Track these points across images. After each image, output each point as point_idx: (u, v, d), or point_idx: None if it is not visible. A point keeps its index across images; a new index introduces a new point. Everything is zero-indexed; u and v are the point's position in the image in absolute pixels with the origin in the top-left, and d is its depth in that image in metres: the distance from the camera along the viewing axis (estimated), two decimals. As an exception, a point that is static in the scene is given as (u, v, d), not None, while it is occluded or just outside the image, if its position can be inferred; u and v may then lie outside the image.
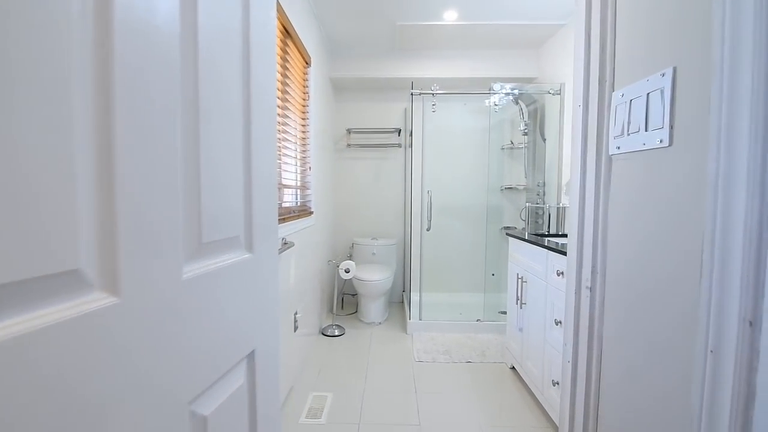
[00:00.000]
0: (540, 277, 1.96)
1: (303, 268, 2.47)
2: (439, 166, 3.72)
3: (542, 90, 3.04)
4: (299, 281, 2.36)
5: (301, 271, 2.40)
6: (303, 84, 2.54)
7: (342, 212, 3.86)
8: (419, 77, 3.34)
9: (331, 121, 3.63)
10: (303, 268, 2.47)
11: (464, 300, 3.64)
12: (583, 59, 0.83)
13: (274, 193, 0.86)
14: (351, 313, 3.52)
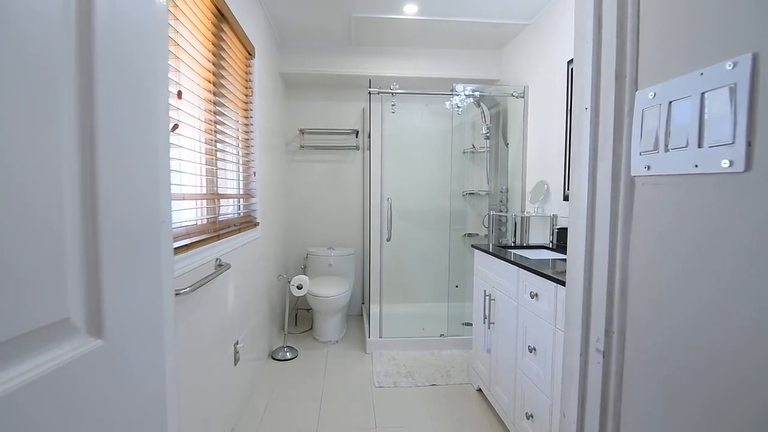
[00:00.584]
0: (510, 297, 1.79)
1: (246, 287, 2.16)
2: (400, 170, 3.51)
3: (505, 92, 2.91)
4: (241, 304, 2.05)
5: (243, 291, 2.09)
6: (245, 78, 2.23)
7: (295, 220, 3.55)
8: (378, 75, 3.12)
9: (281, 120, 3.31)
10: (246, 287, 2.16)
11: (427, 311, 3.45)
12: (592, 43, 0.63)
13: (163, 229, 0.59)
14: (306, 330, 3.23)
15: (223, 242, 1.75)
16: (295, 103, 3.50)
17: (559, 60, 2.36)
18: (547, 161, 2.52)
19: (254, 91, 2.34)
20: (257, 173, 2.36)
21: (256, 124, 2.37)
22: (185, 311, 1.32)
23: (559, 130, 2.36)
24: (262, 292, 2.52)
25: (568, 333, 0.70)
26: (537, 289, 1.53)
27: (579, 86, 0.67)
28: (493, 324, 1.98)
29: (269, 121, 2.79)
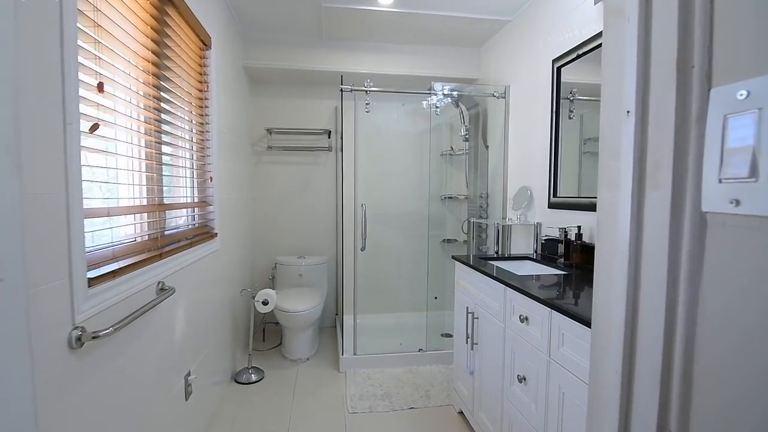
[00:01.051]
0: (496, 317, 1.62)
1: (203, 307, 1.91)
2: (375, 173, 3.31)
3: (485, 92, 2.76)
4: (195, 328, 1.81)
5: (198, 313, 1.85)
6: (199, 71, 1.98)
7: (262, 227, 3.30)
8: (351, 71, 2.91)
9: (246, 118, 3.05)
10: (203, 307, 1.91)
11: (405, 321, 3.27)
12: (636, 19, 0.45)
13: None
14: (274, 346, 2.98)
15: (169, 261, 1.50)
16: (262, 100, 3.24)
17: (543, 59, 2.22)
18: (530, 166, 2.38)
19: (211, 86, 2.09)
20: (214, 178, 2.11)
21: (213, 122, 2.12)
22: (106, 357, 1.08)
23: (543, 133, 2.22)
24: (223, 309, 2.27)
25: (593, 416, 0.52)
26: (527, 311, 1.37)
27: (613, 80, 0.49)
28: (477, 345, 1.82)
29: (231, 119, 2.54)
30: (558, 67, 2.07)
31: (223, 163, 2.33)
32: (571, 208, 1.97)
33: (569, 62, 1.98)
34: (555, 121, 2.10)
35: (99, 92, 1.07)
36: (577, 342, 1.11)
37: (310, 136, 3.31)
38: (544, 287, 1.44)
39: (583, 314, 1.08)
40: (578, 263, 1.82)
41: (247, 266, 3.01)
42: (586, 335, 1.06)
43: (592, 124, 1.95)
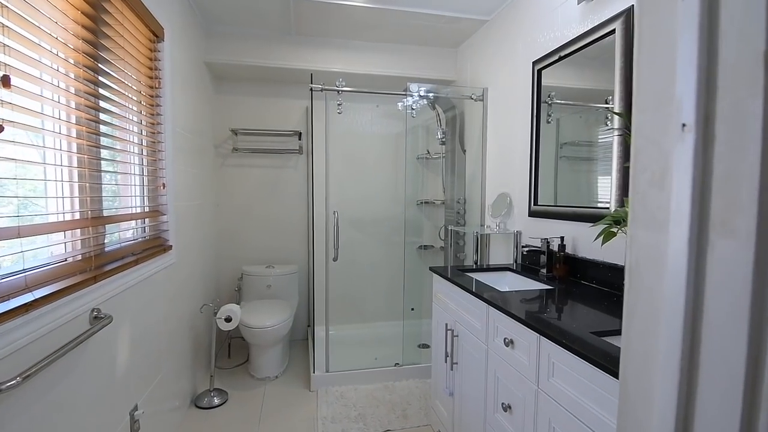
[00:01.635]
0: (478, 337, 1.50)
1: (154, 330, 1.71)
2: (348, 177, 3.16)
3: (463, 94, 2.66)
4: (144, 355, 1.60)
5: (148, 337, 1.64)
6: (149, 65, 1.77)
7: (227, 235, 3.08)
8: (322, 69, 2.74)
9: (209, 118, 2.84)
10: (154, 330, 1.71)
11: (380, 332, 3.14)
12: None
13: None
14: (241, 363, 2.78)
15: (108, 282, 1.30)
16: (227, 99, 3.03)
17: (522, 60, 2.14)
18: (509, 172, 2.29)
19: (164, 82, 1.88)
20: (168, 184, 1.91)
21: (167, 123, 1.91)
22: (18, 410, 0.89)
23: (523, 138, 2.14)
24: (181, 328, 2.06)
25: None
26: (513, 334, 1.26)
27: (655, 81, 0.37)
28: (457, 365, 1.70)
29: (191, 119, 2.33)
30: (538, 70, 1.98)
31: (180, 168, 2.12)
32: (553, 217, 1.88)
33: (550, 64, 1.89)
34: (536, 126, 2.01)
35: (4, 87, 0.87)
36: (569, 373, 1.00)
37: (279, 138, 3.12)
38: (529, 306, 1.33)
39: (577, 344, 0.97)
40: (562, 276, 1.73)
41: (211, 278, 2.79)
42: (579, 367, 0.95)
43: (568, 128, 1.88)
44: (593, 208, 1.64)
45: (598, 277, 1.59)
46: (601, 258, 1.59)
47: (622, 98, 1.47)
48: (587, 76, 1.74)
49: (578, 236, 1.73)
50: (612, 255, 1.54)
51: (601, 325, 1.13)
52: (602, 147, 1.63)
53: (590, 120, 1.76)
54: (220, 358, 2.83)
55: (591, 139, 1.76)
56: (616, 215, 1.35)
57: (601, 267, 1.58)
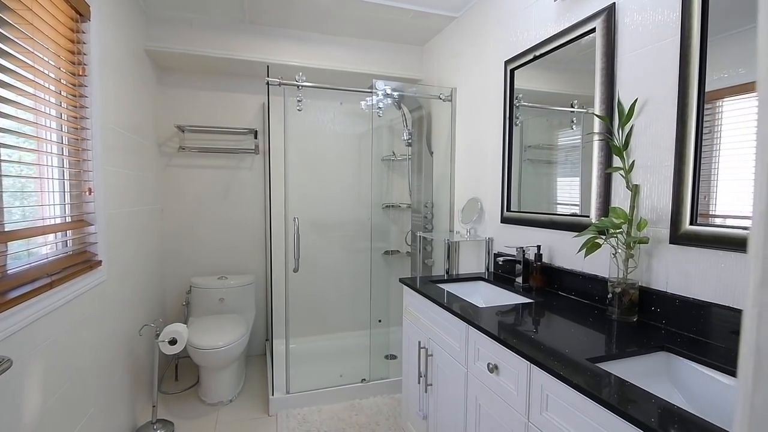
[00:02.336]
0: (457, 359, 1.38)
1: (76, 363, 1.44)
2: (309, 179, 2.96)
3: (431, 94, 2.55)
4: (64, 395, 1.33)
5: (67, 374, 1.37)
6: (71, 48, 1.49)
7: (173, 243, 2.78)
8: (279, 63, 2.52)
9: (151, 113, 2.53)
10: (76, 363, 1.44)
11: (345, 344, 2.96)
12: None
13: None
14: (190, 386, 2.50)
15: (7, 316, 1.04)
16: (172, 92, 2.73)
17: (494, 60, 2.04)
18: (480, 176, 2.20)
19: (91, 69, 1.60)
20: (96, 189, 1.63)
21: (95, 117, 1.63)
22: None
23: (494, 141, 2.05)
24: (115, 354, 1.78)
25: None
26: (498, 359, 1.14)
27: None
28: (432, 386, 1.57)
29: (127, 113, 2.03)
30: (512, 70, 1.89)
31: (113, 169, 1.84)
32: (527, 224, 1.80)
33: (524, 64, 1.81)
34: (508, 129, 1.93)
35: None
36: (567, 409, 0.89)
37: (232, 136, 2.85)
38: (513, 325, 1.22)
39: (576, 375, 0.86)
40: (539, 286, 1.65)
41: (153, 294, 2.48)
42: (579, 403, 0.84)
43: (533, 130, 1.82)
44: (572, 216, 1.56)
45: (578, 288, 1.52)
46: (579, 268, 1.52)
47: (603, 101, 1.40)
48: (557, 78, 1.67)
49: (555, 245, 1.65)
50: (591, 265, 1.47)
51: (594, 347, 1.04)
52: (572, 152, 1.56)
53: (554, 123, 1.71)
54: (165, 382, 2.53)
55: (552, 142, 1.73)
56: (600, 225, 1.28)
57: (580, 278, 1.50)
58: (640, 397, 0.77)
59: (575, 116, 1.59)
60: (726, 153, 1.06)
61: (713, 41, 1.07)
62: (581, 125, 1.56)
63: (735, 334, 1.01)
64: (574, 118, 1.59)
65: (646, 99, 1.27)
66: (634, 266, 1.27)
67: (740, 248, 1.00)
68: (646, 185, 1.27)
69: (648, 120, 1.26)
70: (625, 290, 1.25)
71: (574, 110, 1.59)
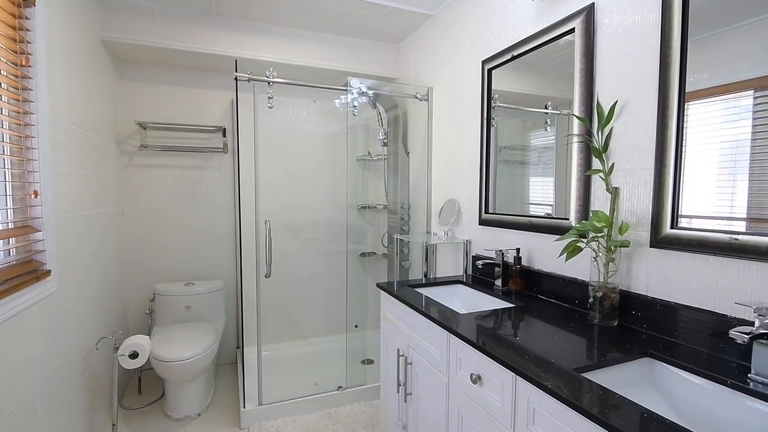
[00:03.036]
0: (438, 368, 1.33)
1: (21, 386, 1.30)
2: (280, 179, 2.86)
3: (406, 93, 2.49)
4: (6, 423, 1.20)
5: (9, 398, 1.23)
6: (12, 36, 1.34)
7: (135, 248, 2.61)
8: (248, 57, 2.41)
9: (110, 109, 2.35)
10: (21, 386, 1.30)
11: (320, 349, 2.88)
12: None
13: None
14: (155, 400, 2.35)
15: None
16: (132, 86, 2.56)
17: (471, 59, 2.01)
18: (457, 177, 2.17)
19: (37, 59, 1.45)
20: (44, 191, 1.48)
21: (43, 112, 1.48)
22: None
23: (472, 141, 2.02)
24: (68, 372, 1.63)
25: None
26: (481, 370, 1.09)
27: None
28: (411, 395, 1.51)
29: (81, 108, 1.87)
30: (489, 69, 1.86)
31: (65, 169, 1.69)
32: (506, 227, 1.78)
33: (502, 64, 1.78)
34: (486, 129, 1.90)
35: None
36: (554, 423, 0.85)
37: (198, 134, 2.71)
38: (495, 332, 1.18)
39: (564, 388, 0.82)
40: (518, 290, 1.63)
41: (113, 303, 2.32)
42: (568, 417, 0.81)
43: (507, 131, 1.81)
44: (551, 218, 1.54)
45: (558, 292, 1.50)
46: (559, 271, 1.51)
47: (582, 102, 1.38)
48: (532, 80, 1.66)
49: (534, 247, 1.63)
50: (571, 269, 1.45)
51: (579, 355, 1.01)
52: (545, 152, 1.55)
53: (528, 124, 1.70)
54: (127, 397, 2.37)
55: (525, 143, 1.72)
56: (581, 228, 1.26)
57: (560, 281, 1.49)
58: (633, 411, 0.74)
59: (549, 118, 1.57)
60: (698, 156, 1.05)
61: (694, 42, 1.06)
62: (555, 126, 1.54)
63: (715, 337, 1.01)
64: (548, 120, 1.58)
65: (626, 101, 1.26)
66: (615, 270, 1.26)
67: (721, 252, 1.00)
68: (626, 188, 1.26)
69: (628, 122, 1.25)
70: (606, 294, 1.24)
71: (548, 112, 1.57)
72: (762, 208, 0.94)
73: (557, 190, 1.53)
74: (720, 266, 1.01)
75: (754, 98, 0.95)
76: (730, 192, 1.00)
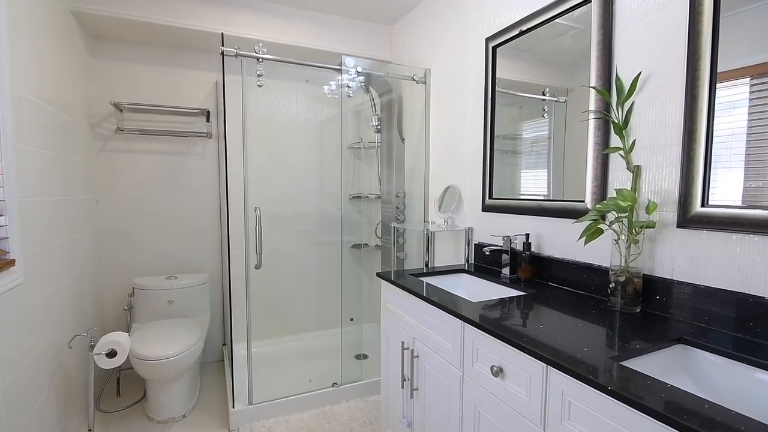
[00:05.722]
0: (449, 361, 1.23)
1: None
2: (269, 167, 2.71)
3: (403, 75, 2.38)
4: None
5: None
6: (-37, -10, 1.17)
7: (112, 239, 2.43)
8: (235, 35, 2.25)
9: (82, 87, 2.16)
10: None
11: (314, 344, 2.76)
12: None
13: None
14: (135, 402, 2.19)
15: None
16: (108, 65, 2.36)
17: (473, 38, 1.92)
18: (457, 162, 2.07)
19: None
20: (5, 172, 1.31)
21: (3, 83, 1.31)
22: None
23: (474, 124, 1.92)
24: (37, 373, 1.47)
25: None
26: (503, 361, 1.00)
27: None
28: (418, 391, 1.42)
29: (48, 84, 1.69)
30: (494, 47, 1.77)
31: (30, 148, 1.51)
32: (512, 212, 1.69)
33: (509, 41, 1.69)
34: (491, 110, 1.81)
35: None
36: (596, 418, 0.76)
37: (180, 117, 2.53)
38: (513, 321, 1.09)
39: (608, 380, 0.74)
40: (527, 277, 1.55)
41: (88, 298, 2.14)
42: (613, 410, 0.72)
43: (506, 118, 1.76)
44: (564, 201, 1.46)
45: (570, 279, 1.43)
46: (571, 257, 1.43)
47: (599, 76, 1.30)
48: (528, 67, 1.60)
49: (543, 233, 1.55)
50: (585, 253, 1.38)
51: (608, 343, 0.93)
52: (538, 144, 1.48)
53: (524, 113, 1.62)
54: (105, 398, 2.21)
55: (517, 132, 1.63)
56: (602, 208, 1.18)
57: (573, 267, 1.41)
58: (695, 404, 0.66)
59: (547, 104, 1.50)
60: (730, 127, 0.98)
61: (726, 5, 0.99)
62: (552, 114, 1.47)
63: (752, 321, 0.95)
64: (546, 107, 1.52)
65: (649, 73, 1.18)
66: (638, 253, 1.18)
67: (759, 230, 0.93)
68: (648, 166, 1.19)
69: (651, 95, 1.17)
70: (629, 279, 1.16)
71: (546, 98, 1.49)
72: (808, 181, 0.88)
73: (554, 177, 1.48)
74: (757, 246, 0.95)
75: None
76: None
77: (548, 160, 1.55)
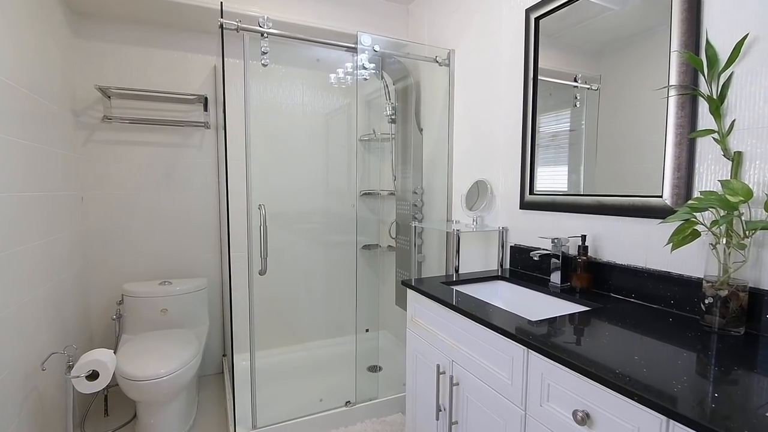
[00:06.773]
0: (503, 394, 0.99)
1: None
2: (273, 162, 2.47)
3: (424, 56, 2.13)
4: None
5: None
6: None
7: (98, 240, 2.18)
8: (235, 11, 2.01)
9: (64, 70, 1.92)
10: None
11: (323, 354, 2.53)
12: None
13: None
14: (125, 423, 1.96)
15: None
16: (93, 45, 2.12)
17: (508, 9, 1.67)
18: (488, 154, 1.83)
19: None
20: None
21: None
22: None
23: (510, 109, 1.68)
24: (7, 396, 1.24)
25: None
26: (590, 405, 0.77)
27: None
28: (457, 425, 1.18)
29: (22, 65, 1.45)
30: (536, 18, 1.53)
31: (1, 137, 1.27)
32: (559, 210, 1.45)
33: (557, 9, 1.44)
34: (533, 92, 1.57)
35: None
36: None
37: (175, 105, 2.29)
38: (595, 351, 0.85)
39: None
40: (584, 287, 1.31)
41: (70, 307, 1.90)
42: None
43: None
44: (633, 197, 1.22)
45: (640, 290, 1.19)
46: (642, 264, 1.19)
47: (683, 43, 1.06)
48: (557, 55, 1.34)
49: (602, 235, 1.32)
50: (659, 259, 1.14)
51: (742, 382, 0.69)
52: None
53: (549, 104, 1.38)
54: (91, 419, 1.97)
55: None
56: (697, 205, 0.93)
57: (645, 276, 1.17)
58: None
59: (579, 92, 1.26)
60: None
61: None
62: (584, 103, 1.23)
63: None
64: (576, 95, 1.29)
65: (754, 37, 0.94)
66: (743, 260, 0.94)
67: None
68: (753, 152, 0.95)
69: (756, 66, 0.94)
70: (733, 293, 0.93)
71: (577, 85, 1.25)
72: None
73: (603, 170, 1.23)
74: None
75: None
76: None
77: (592, 150, 1.32)
